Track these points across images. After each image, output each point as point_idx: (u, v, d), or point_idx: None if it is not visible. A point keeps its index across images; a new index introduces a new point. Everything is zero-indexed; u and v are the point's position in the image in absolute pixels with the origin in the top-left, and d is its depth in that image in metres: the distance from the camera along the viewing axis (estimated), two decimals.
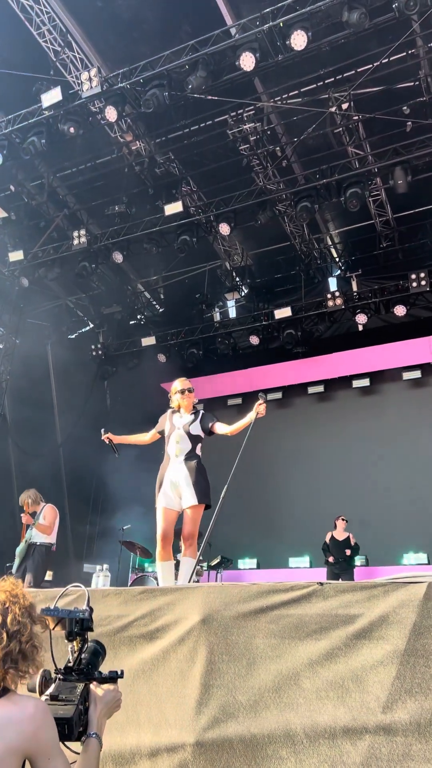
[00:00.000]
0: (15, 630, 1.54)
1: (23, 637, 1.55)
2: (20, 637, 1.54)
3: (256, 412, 4.59)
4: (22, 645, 1.54)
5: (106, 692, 1.81)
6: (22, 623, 1.57)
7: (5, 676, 1.49)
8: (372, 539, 10.48)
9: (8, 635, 1.51)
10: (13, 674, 1.51)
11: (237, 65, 7.88)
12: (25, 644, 1.55)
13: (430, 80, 8.68)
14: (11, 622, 1.54)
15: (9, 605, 1.58)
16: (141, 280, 13.54)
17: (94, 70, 8.52)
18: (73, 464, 12.57)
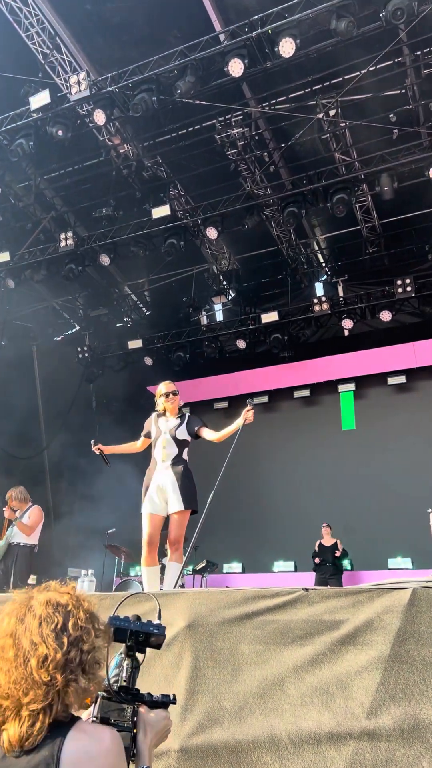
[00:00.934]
0: (77, 636, 1.36)
1: (85, 646, 1.37)
2: (81, 645, 1.37)
3: (244, 418, 4.59)
4: (82, 655, 1.36)
5: (157, 718, 1.57)
6: (85, 629, 1.39)
7: (66, 694, 1.31)
8: (357, 544, 10.53)
9: (68, 641, 1.34)
10: (73, 690, 1.32)
11: (225, 71, 7.91)
12: (86, 654, 1.36)
13: (416, 88, 8.77)
14: (73, 627, 1.37)
15: (72, 608, 1.40)
16: (128, 282, 13.53)
17: (82, 74, 8.51)
18: (57, 467, 12.51)
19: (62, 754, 1.23)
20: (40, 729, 1.25)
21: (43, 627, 1.34)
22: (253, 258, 12.58)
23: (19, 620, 1.36)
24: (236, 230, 10.91)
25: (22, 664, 1.29)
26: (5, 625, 1.37)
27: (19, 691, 1.27)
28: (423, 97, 8.86)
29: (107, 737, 1.33)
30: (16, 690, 1.27)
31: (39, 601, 1.40)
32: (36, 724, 1.25)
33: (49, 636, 1.32)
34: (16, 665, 1.29)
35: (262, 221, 10.90)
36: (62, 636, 1.34)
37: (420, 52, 8.43)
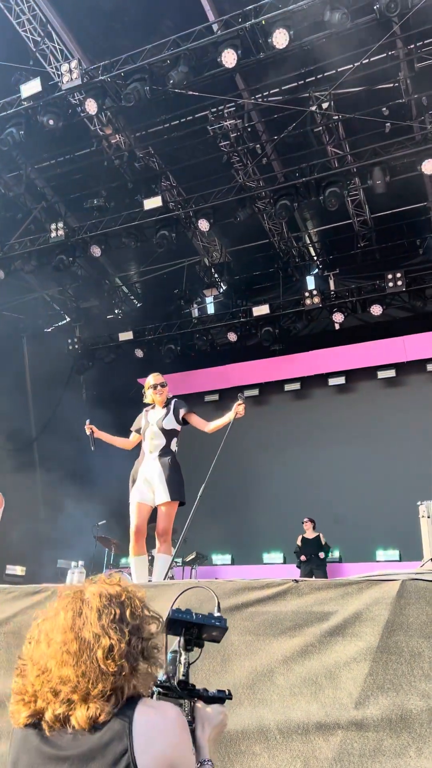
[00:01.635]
0: (135, 624, 1.39)
1: (144, 633, 1.41)
2: (141, 633, 1.40)
3: (235, 413, 4.59)
4: (142, 642, 1.39)
5: (215, 713, 1.58)
6: (142, 617, 1.42)
7: (133, 679, 1.35)
8: (346, 536, 10.59)
9: (129, 630, 1.37)
10: (138, 675, 1.36)
11: (219, 61, 7.87)
12: (146, 641, 1.40)
13: (409, 82, 8.76)
14: (131, 616, 1.39)
15: (125, 599, 1.43)
16: (119, 274, 13.47)
17: (74, 62, 8.43)
18: (47, 459, 12.47)
19: (133, 727, 1.29)
20: (110, 711, 1.30)
21: (103, 619, 1.36)
22: (245, 251, 12.56)
23: (77, 614, 1.39)
24: (228, 222, 10.88)
25: (87, 656, 1.33)
26: (62, 620, 1.39)
27: (88, 683, 1.31)
28: (416, 90, 8.85)
29: (172, 711, 1.40)
30: (85, 682, 1.31)
31: (92, 593, 1.42)
32: (105, 707, 1.30)
33: (110, 627, 1.35)
34: (83, 658, 1.33)
35: (254, 214, 10.88)
36: (122, 626, 1.37)
37: (413, 45, 8.42)
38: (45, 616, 1.46)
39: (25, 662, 1.42)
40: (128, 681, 1.34)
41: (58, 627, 1.39)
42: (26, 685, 1.38)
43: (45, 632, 1.41)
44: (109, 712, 1.29)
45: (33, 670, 1.38)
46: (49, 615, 1.44)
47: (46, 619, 1.44)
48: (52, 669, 1.34)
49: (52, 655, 1.35)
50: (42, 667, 1.36)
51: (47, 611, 1.46)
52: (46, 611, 1.47)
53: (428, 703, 2.60)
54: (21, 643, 3.70)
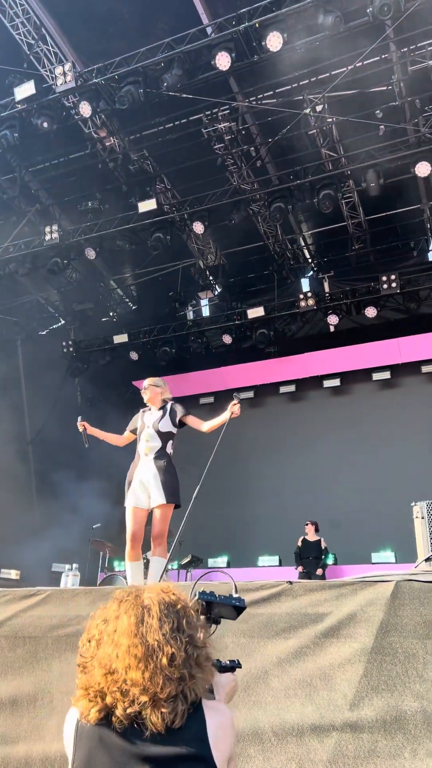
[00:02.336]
0: (190, 634, 1.50)
1: (198, 642, 1.50)
2: (195, 642, 1.50)
3: (231, 412, 4.58)
4: (197, 650, 1.49)
5: (227, 680, 1.75)
6: (196, 627, 1.53)
7: (193, 684, 1.45)
8: (341, 538, 10.58)
9: (185, 640, 1.47)
10: (197, 680, 1.46)
11: (212, 64, 7.89)
12: (199, 650, 1.50)
13: (402, 85, 8.79)
14: (187, 626, 1.50)
15: (180, 608, 1.52)
16: (113, 276, 13.47)
17: (68, 65, 8.44)
18: (42, 461, 12.45)
19: (207, 730, 1.43)
20: (182, 714, 1.41)
21: (164, 627, 1.45)
22: (240, 253, 12.57)
23: (139, 620, 1.47)
24: (223, 225, 10.90)
25: (153, 662, 1.42)
26: (125, 624, 1.47)
27: (156, 687, 1.40)
28: (409, 93, 8.89)
29: (227, 710, 1.55)
30: (153, 685, 1.40)
31: (151, 600, 1.51)
32: (177, 711, 1.40)
33: (171, 636, 1.45)
34: (150, 664, 1.42)
35: (248, 216, 10.90)
36: (181, 635, 1.47)
37: (406, 48, 8.45)
38: (104, 617, 1.53)
39: (86, 660, 1.50)
40: (189, 686, 1.44)
41: (122, 631, 1.46)
42: (91, 681, 1.46)
43: (108, 634, 1.48)
44: (182, 716, 1.40)
45: (99, 669, 1.45)
46: (110, 617, 1.51)
47: (106, 621, 1.51)
48: (119, 670, 1.43)
49: (120, 657, 1.43)
50: (109, 668, 1.44)
51: (106, 613, 1.54)
52: (105, 613, 1.54)
53: (422, 704, 2.60)
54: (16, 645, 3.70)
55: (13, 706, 3.31)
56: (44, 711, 3.24)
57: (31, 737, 3.20)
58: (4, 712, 3.31)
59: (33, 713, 3.26)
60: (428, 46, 8.46)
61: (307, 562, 9.75)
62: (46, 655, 3.39)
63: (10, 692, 3.35)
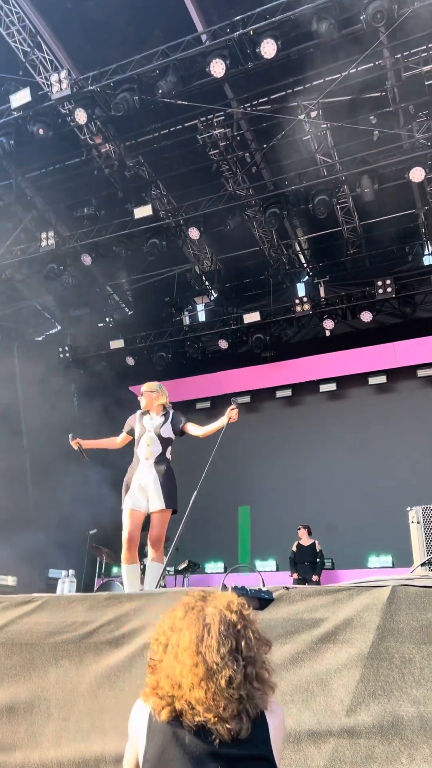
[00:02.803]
0: (249, 656, 1.55)
1: (256, 664, 1.57)
2: (253, 662, 1.56)
3: (228, 417, 4.60)
4: (255, 670, 1.56)
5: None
6: (255, 649, 1.58)
7: (252, 700, 1.54)
8: (338, 542, 10.59)
9: (243, 662, 1.54)
10: (256, 697, 1.56)
11: (207, 71, 7.93)
12: (258, 669, 1.57)
13: (396, 91, 8.85)
14: (246, 648, 1.56)
15: (241, 629, 1.58)
16: (110, 282, 13.48)
17: (63, 72, 8.47)
18: (39, 467, 12.41)
19: (270, 736, 1.57)
20: (247, 728, 1.51)
21: (221, 649, 1.53)
22: (235, 258, 12.60)
23: (199, 638, 1.55)
24: (218, 230, 10.93)
25: (213, 683, 1.50)
26: (186, 641, 1.56)
27: (219, 707, 1.49)
28: (403, 99, 8.94)
29: (280, 709, 1.67)
30: (215, 705, 1.50)
31: (212, 617, 1.58)
32: (242, 726, 1.51)
33: (228, 658, 1.52)
34: (210, 685, 1.50)
35: (244, 222, 10.93)
36: (238, 656, 1.54)
37: (400, 54, 8.51)
38: (171, 624, 1.63)
39: (155, 661, 1.62)
40: (251, 704, 1.54)
41: (184, 647, 1.55)
42: (160, 684, 1.58)
43: (173, 645, 1.58)
44: (246, 729, 1.51)
45: (166, 679, 1.56)
46: (175, 626, 1.61)
47: (173, 629, 1.61)
48: (184, 687, 1.52)
49: (184, 674, 1.53)
50: (176, 681, 1.54)
51: (173, 620, 1.63)
52: (172, 620, 1.64)
53: (419, 710, 2.60)
54: (12, 653, 3.70)
55: (10, 713, 3.30)
56: (41, 718, 3.23)
57: (27, 745, 3.19)
58: (1, 719, 3.30)
59: (30, 720, 3.24)
60: (421, 53, 8.52)
61: (302, 567, 9.75)
62: (42, 662, 3.38)
63: (7, 700, 3.34)
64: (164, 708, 1.54)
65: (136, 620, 3.24)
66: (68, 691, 3.23)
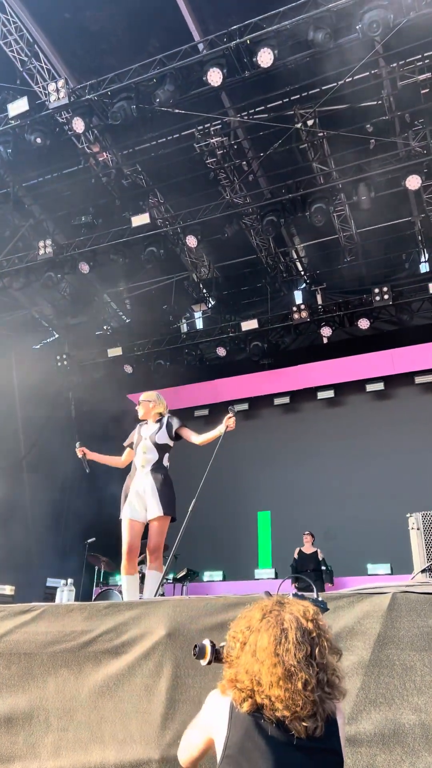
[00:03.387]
0: (321, 663, 1.65)
1: (329, 670, 1.67)
2: (326, 669, 1.66)
3: (226, 426, 4.59)
4: (327, 676, 1.66)
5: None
6: (327, 656, 1.68)
7: (324, 703, 1.65)
8: (337, 550, 10.56)
9: (318, 668, 1.64)
10: (329, 700, 1.67)
11: (204, 80, 7.97)
12: (330, 675, 1.67)
13: (392, 100, 8.91)
14: (319, 655, 1.65)
15: (316, 637, 1.68)
16: (107, 290, 13.49)
17: (61, 81, 8.51)
18: (36, 476, 12.40)
19: (339, 728, 1.71)
20: (321, 727, 1.63)
21: (297, 655, 1.63)
22: (233, 266, 12.63)
23: (278, 641, 1.65)
24: (216, 238, 10.95)
25: (291, 684, 1.61)
26: (265, 642, 1.66)
27: (296, 706, 1.60)
28: (399, 108, 9.00)
29: (342, 706, 1.77)
30: (293, 704, 1.60)
31: (290, 624, 1.68)
32: (317, 725, 1.63)
33: (303, 663, 1.63)
34: (288, 685, 1.61)
35: (241, 230, 10.97)
36: (312, 662, 1.64)
37: (395, 64, 8.57)
38: (248, 624, 1.72)
39: (232, 657, 1.72)
40: (324, 707, 1.65)
41: (262, 647, 1.65)
42: (239, 678, 1.67)
43: (251, 644, 1.68)
44: (321, 728, 1.63)
45: (246, 675, 1.66)
46: (253, 627, 1.71)
47: (250, 629, 1.71)
48: (264, 684, 1.62)
49: (263, 672, 1.63)
50: (255, 678, 1.64)
51: (250, 620, 1.73)
52: (249, 620, 1.73)
53: (421, 717, 2.59)
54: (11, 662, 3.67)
55: (8, 724, 3.27)
56: (40, 729, 3.21)
57: (26, 756, 3.17)
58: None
59: (28, 731, 3.22)
60: (417, 62, 8.59)
61: (305, 574, 9.70)
62: (41, 672, 3.35)
63: (5, 710, 3.32)
64: (246, 700, 1.65)
65: (136, 629, 3.23)
66: (67, 700, 3.20)
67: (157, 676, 3.05)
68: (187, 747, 1.87)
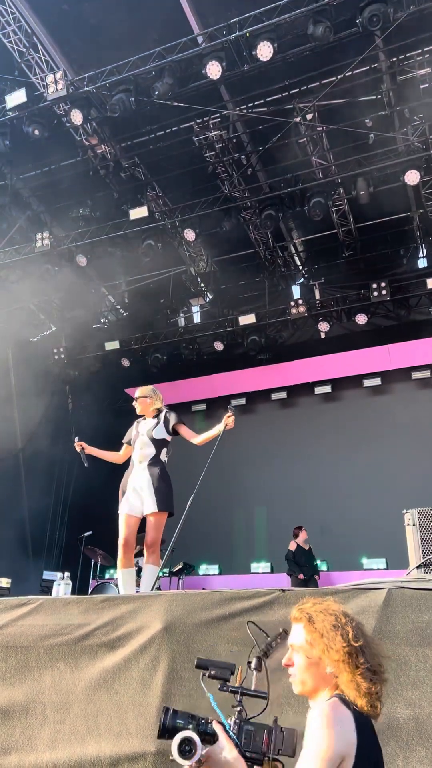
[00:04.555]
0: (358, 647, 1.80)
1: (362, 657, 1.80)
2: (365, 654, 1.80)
3: (225, 424, 4.59)
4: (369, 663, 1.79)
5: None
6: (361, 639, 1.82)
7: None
8: (333, 545, 10.60)
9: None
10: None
11: (203, 73, 7.94)
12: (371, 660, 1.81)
13: (392, 94, 8.88)
14: (353, 638, 1.80)
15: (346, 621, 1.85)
16: (105, 283, 13.46)
17: (59, 73, 8.47)
18: (33, 470, 12.39)
19: None
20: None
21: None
22: (231, 260, 12.61)
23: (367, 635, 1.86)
24: (214, 232, 10.93)
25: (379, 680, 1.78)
26: (328, 624, 1.81)
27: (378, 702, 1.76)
28: (398, 103, 8.97)
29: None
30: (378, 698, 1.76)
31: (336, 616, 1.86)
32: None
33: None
34: (353, 667, 1.75)
35: (239, 224, 10.94)
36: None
37: (395, 58, 8.55)
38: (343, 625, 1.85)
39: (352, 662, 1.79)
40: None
41: (328, 631, 1.84)
42: (360, 680, 1.76)
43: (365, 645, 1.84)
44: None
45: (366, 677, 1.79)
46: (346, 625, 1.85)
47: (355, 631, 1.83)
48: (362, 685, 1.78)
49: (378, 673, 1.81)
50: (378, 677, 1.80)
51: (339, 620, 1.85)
52: (336, 617, 1.86)
53: (415, 712, 2.61)
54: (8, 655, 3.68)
55: (5, 716, 3.29)
56: (36, 721, 3.22)
57: (23, 748, 3.18)
58: None
59: (25, 723, 3.24)
60: (417, 56, 8.57)
61: (306, 570, 9.72)
62: (38, 665, 3.37)
63: (2, 703, 3.33)
64: (374, 704, 1.75)
65: (132, 623, 3.24)
66: (64, 693, 3.22)
67: (154, 670, 3.07)
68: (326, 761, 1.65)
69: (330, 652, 1.78)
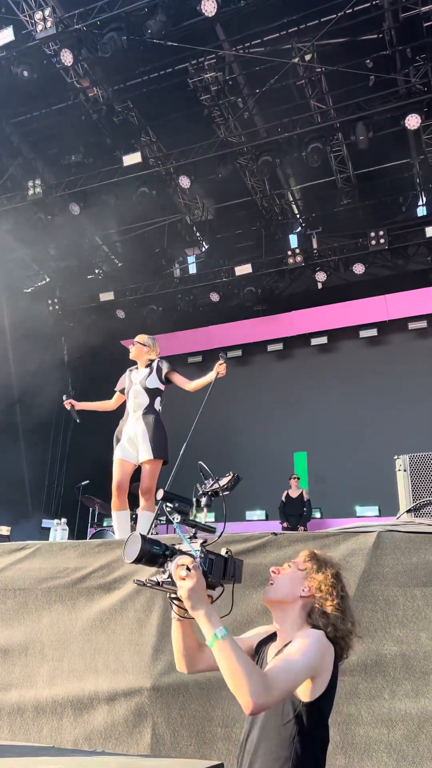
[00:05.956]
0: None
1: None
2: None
3: (216, 372, 4.62)
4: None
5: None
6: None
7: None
8: (326, 493, 10.77)
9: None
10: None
11: (198, 10, 7.62)
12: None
13: (393, 33, 8.55)
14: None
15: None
16: (99, 233, 13.24)
17: (48, 10, 8.12)
18: (29, 420, 12.44)
19: None
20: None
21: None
22: (227, 209, 12.38)
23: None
24: (210, 179, 10.70)
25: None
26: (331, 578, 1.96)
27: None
28: (400, 42, 8.65)
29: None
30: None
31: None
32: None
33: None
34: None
35: (235, 170, 10.70)
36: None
37: None
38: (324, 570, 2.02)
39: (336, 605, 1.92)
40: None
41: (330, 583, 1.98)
42: (344, 624, 1.89)
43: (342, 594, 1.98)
44: None
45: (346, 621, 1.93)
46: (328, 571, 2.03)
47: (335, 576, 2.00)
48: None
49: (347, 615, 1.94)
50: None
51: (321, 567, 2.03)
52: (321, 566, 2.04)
53: (402, 649, 2.70)
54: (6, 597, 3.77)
55: (5, 655, 3.40)
56: (35, 659, 3.33)
57: (23, 684, 3.30)
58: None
59: (24, 662, 3.35)
60: None
61: (292, 519, 9.94)
62: (36, 606, 3.46)
63: (2, 642, 3.44)
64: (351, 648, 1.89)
65: (128, 566, 3.30)
66: (61, 633, 3.31)
67: (149, 610, 3.15)
68: (290, 687, 1.69)
69: (325, 598, 1.90)
